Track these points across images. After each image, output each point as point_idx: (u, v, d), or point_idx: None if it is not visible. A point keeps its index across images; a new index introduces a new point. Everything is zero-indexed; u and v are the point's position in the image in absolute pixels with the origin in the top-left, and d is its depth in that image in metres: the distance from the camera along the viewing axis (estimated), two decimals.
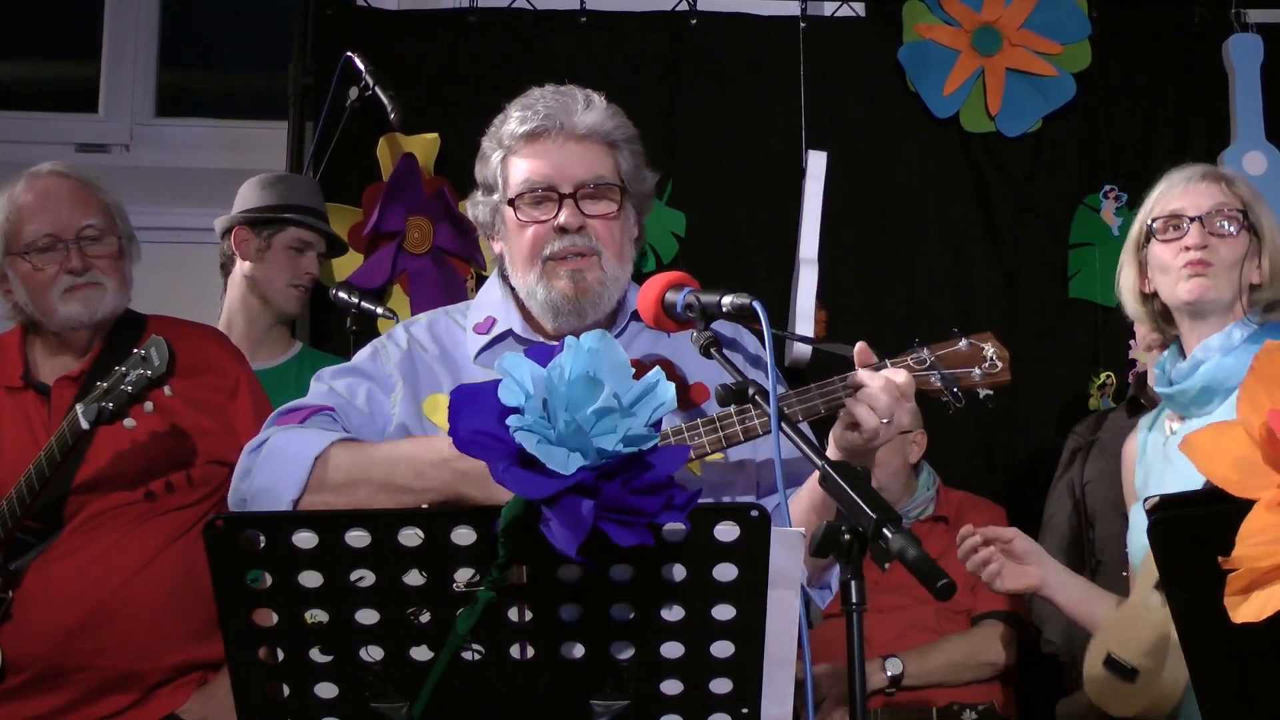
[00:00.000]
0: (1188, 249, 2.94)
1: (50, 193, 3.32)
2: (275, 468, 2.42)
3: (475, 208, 2.68)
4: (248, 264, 4.29)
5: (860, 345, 2.43)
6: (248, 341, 4.12)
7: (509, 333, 2.63)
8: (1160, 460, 3.05)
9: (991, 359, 2.60)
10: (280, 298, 4.28)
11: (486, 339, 2.63)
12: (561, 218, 2.53)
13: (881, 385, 2.35)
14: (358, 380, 2.59)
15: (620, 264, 2.59)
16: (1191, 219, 2.95)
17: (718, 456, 2.56)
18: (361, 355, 2.66)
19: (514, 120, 2.59)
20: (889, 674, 3.97)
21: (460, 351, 2.64)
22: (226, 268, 4.37)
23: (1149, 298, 3.06)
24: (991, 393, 2.61)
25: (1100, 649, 2.98)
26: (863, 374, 2.38)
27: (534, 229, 2.55)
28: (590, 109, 2.59)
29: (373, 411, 2.56)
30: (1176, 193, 3.01)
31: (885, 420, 2.34)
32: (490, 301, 2.69)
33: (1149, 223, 3.02)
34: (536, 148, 2.57)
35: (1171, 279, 2.97)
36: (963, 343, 2.61)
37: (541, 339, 2.57)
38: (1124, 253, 3.11)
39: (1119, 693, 2.93)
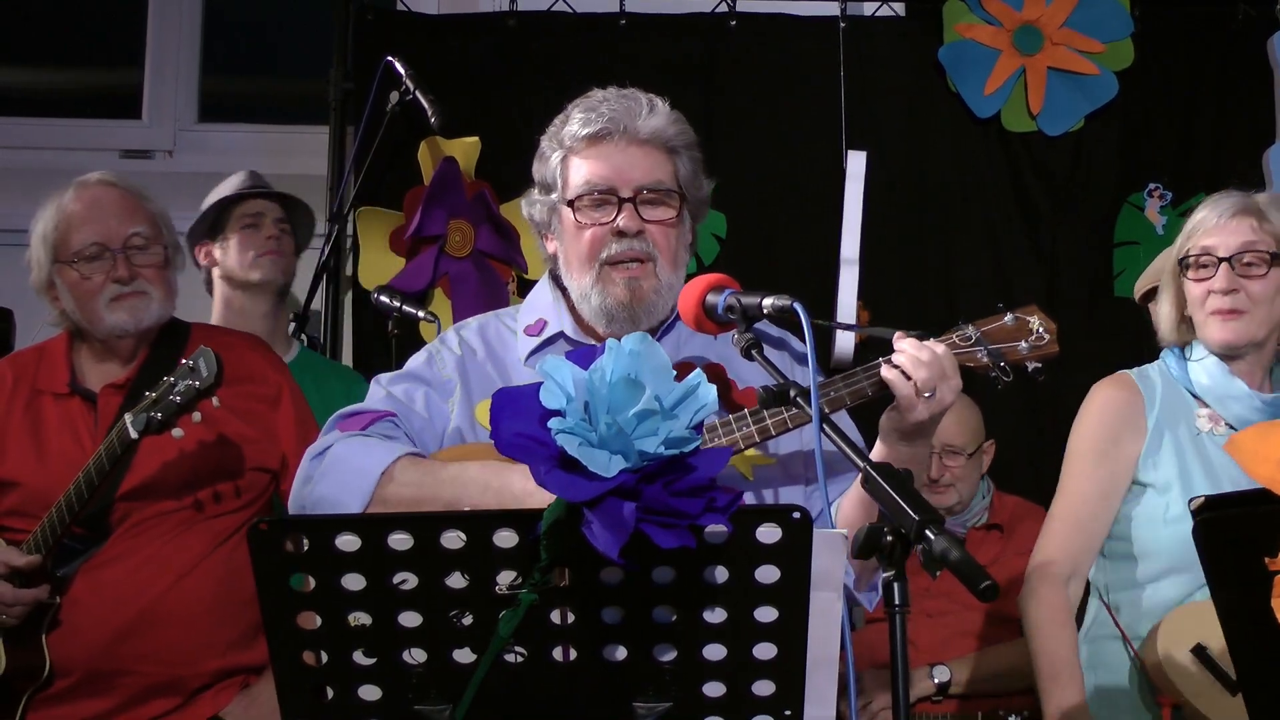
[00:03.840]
0: (1215, 293, 2.98)
1: (98, 202, 3.34)
2: (339, 478, 2.41)
3: (532, 206, 2.67)
4: (218, 265, 4.23)
5: (898, 334, 2.43)
6: None
7: (560, 335, 2.63)
8: (1190, 454, 3.04)
9: (1038, 332, 2.56)
10: (250, 270, 4.16)
11: (537, 341, 2.63)
12: (620, 221, 2.53)
13: (914, 347, 2.36)
14: (415, 385, 2.60)
15: (674, 270, 2.58)
16: (1220, 259, 2.98)
17: (765, 459, 2.56)
18: (417, 361, 2.66)
19: (576, 121, 2.58)
20: (936, 681, 3.95)
21: (511, 355, 2.64)
22: (210, 285, 4.30)
23: (1185, 319, 3.10)
24: (1040, 365, 2.57)
25: (1185, 633, 2.91)
26: (897, 345, 2.38)
27: (592, 231, 2.55)
28: (654, 114, 2.58)
29: (432, 416, 2.56)
30: (1209, 228, 3.04)
31: (927, 395, 2.34)
32: (541, 304, 2.69)
33: (1183, 256, 3.05)
34: (598, 150, 2.57)
35: (1202, 318, 3.02)
36: (1008, 317, 2.58)
37: (593, 341, 2.57)
38: (1164, 278, 3.15)
39: (1213, 697, 2.87)
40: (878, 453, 2.45)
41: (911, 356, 2.35)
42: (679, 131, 2.62)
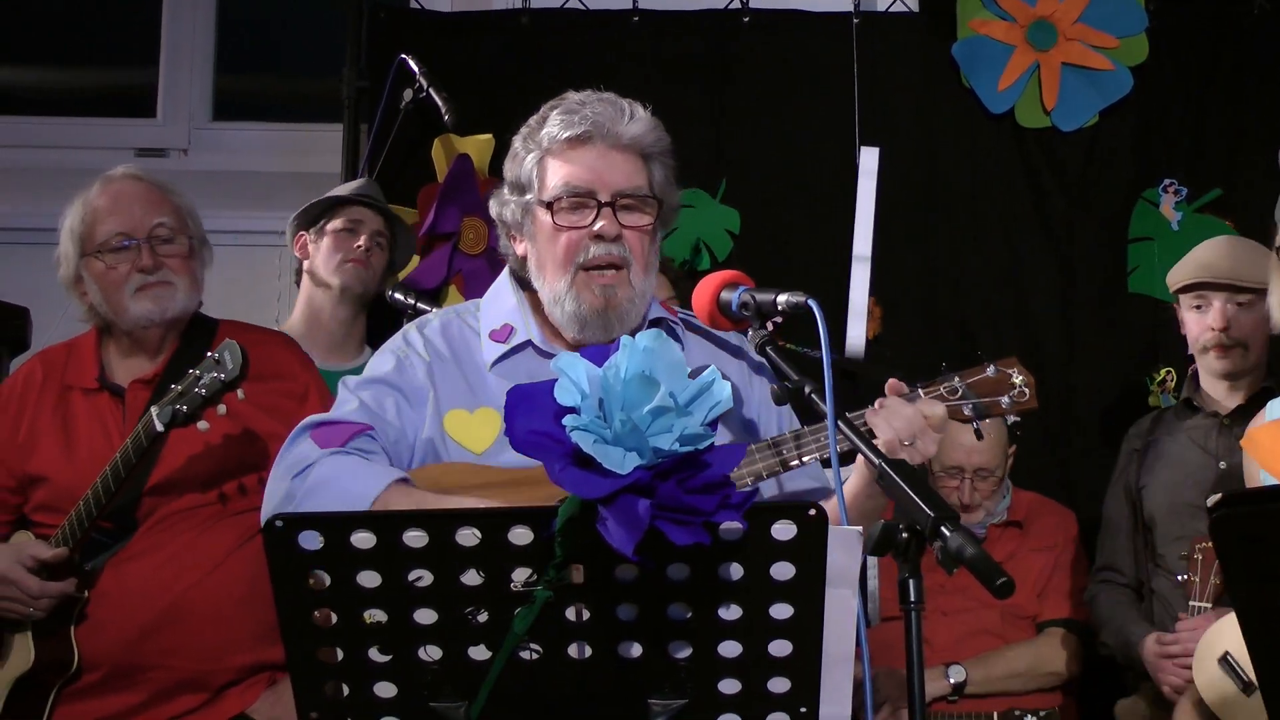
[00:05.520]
0: None
1: (123, 194, 3.37)
2: (328, 502, 2.36)
3: (503, 206, 2.65)
4: (309, 259, 4.32)
5: (892, 381, 2.44)
6: (320, 341, 4.17)
7: (528, 344, 2.60)
8: None
9: (1020, 387, 2.64)
10: (334, 275, 4.24)
11: (504, 348, 2.60)
12: (599, 225, 2.52)
13: (897, 403, 2.37)
14: (385, 391, 2.56)
15: (646, 277, 2.58)
16: None
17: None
18: (384, 365, 2.60)
19: (556, 123, 2.56)
20: (952, 681, 3.94)
21: (477, 358, 2.61)
22: (299, 275, 4.40)
23: None
24: (1019, 419, 2.64)
25: (1216, 644, 2.93)
26: (893, 400, 2.38)
27: (569, 234, 2.53)
28: (635, 120, 2.57)
29: (404, 425, 2.53)
30: None
31: (907, 443, 2.34)
32: (506, 308, 2.66)
33: None
34: (578, 153, 2.55)
35: None
36: (990, 369, 2.63)
37: (560, 349, 2.55)
38: (1272, 271, 3.13)
39: (1233, 700, 2.89)
40: (851, 485, 2.42)
41: (895, 408, 2.37)
42: (656, 139, 2.60)
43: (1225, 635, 2.94)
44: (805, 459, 2.51)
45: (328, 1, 5.64)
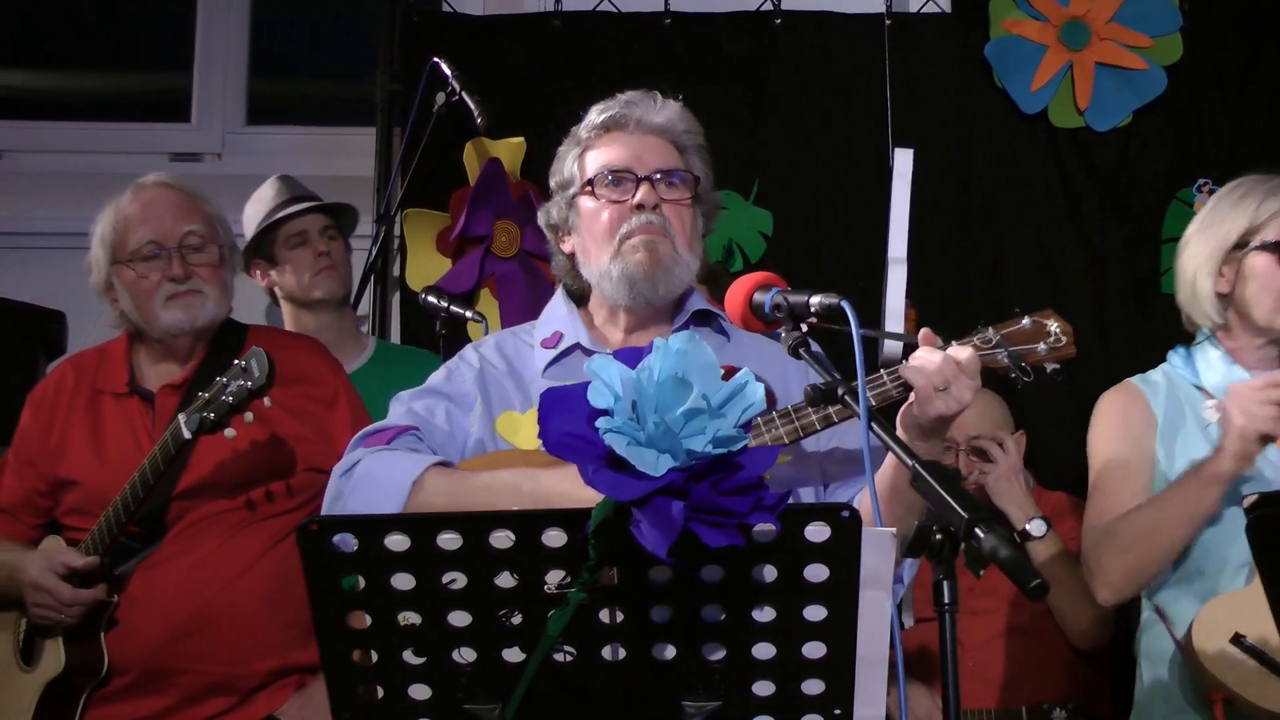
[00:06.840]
0: None
1: (154, 202, 3.39)
2: (370, 493, 2.44)
3: (548, 213, 2.74)
4: (277, 286, 4.29)
5: (924, 331, 2.43)
6: None
7: (576, 346, 2.67)
8: (1203, 446, 3.05)
9: (1056, 334, 2.61)
10: (309, 290, 4.22)
11: (554, 353, 2.67)
12: (639, 195, 2.59)
13: (926, 351, 2.37)
14: (436, 400, 2.64)
15: (690, 251, 2.64)
16: None
17: (780, 458, 2.56)
18: (436, 377, 2.71)
19: (592, 114, 2.69)
20: (1028, 528, 3.79)
21: (529, 368, 2.69)
22: (275, 299, 4.37)
23: (1225, 298, 3.08)
24: (1059, 367, 2.61)
25: (1220, 622, 2.91)
26: (923, 350, 2.38)
27: (611, 209, 2.61)
28: (666, 107, 2.68)
29: (453, 429, 2.60)
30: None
31: (942, 388, 2.33)
32: (556, 317, 2.74)
33: (1258, 239, 3.01)
34: (613, 136, 2.66)
35: (1273, 302, 2.99)
36: (1025, 320, 2.62)
37: (609, 351, 2.58)
38: (1203, 255, 3.10)
39: (1258, 682, 2.86)
40: (885, 468, 2.44)
41: (925, 356, 2.36)
42: (688, 129, 2.70)
43: (1231, 618, 2.91)
44: (827, 423, 2.51)
45: (360, 4, 5.66)
